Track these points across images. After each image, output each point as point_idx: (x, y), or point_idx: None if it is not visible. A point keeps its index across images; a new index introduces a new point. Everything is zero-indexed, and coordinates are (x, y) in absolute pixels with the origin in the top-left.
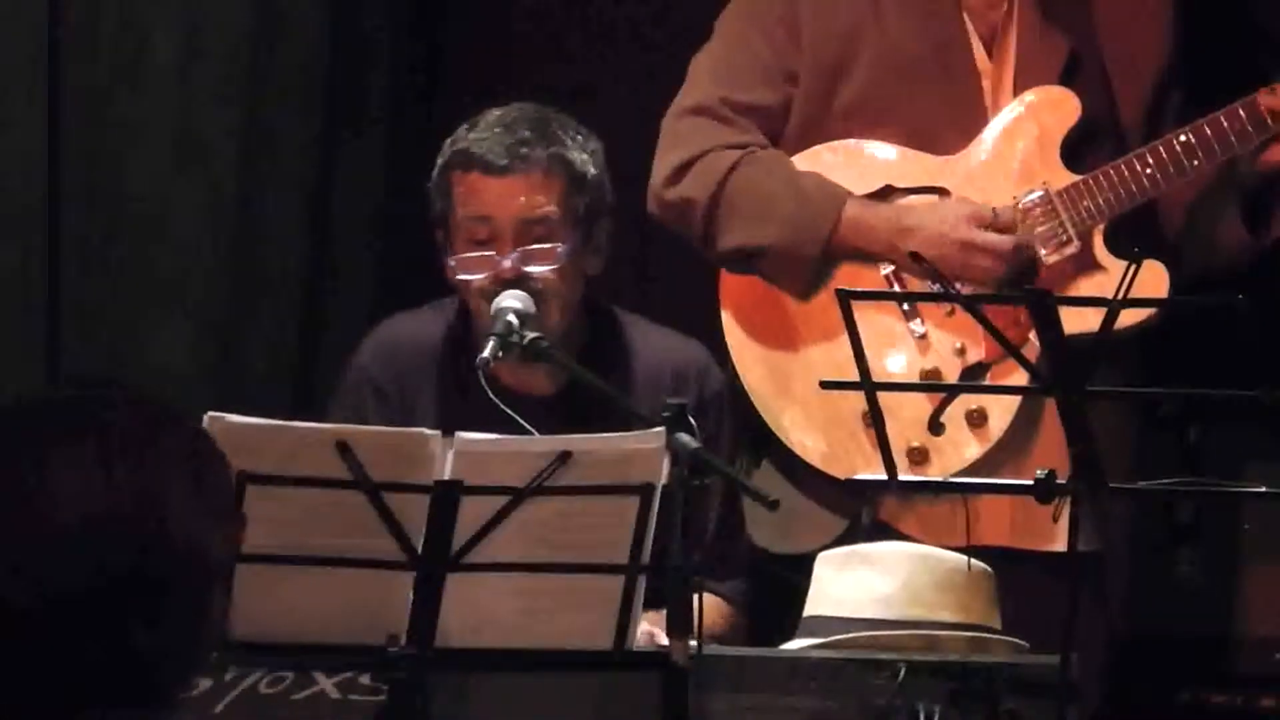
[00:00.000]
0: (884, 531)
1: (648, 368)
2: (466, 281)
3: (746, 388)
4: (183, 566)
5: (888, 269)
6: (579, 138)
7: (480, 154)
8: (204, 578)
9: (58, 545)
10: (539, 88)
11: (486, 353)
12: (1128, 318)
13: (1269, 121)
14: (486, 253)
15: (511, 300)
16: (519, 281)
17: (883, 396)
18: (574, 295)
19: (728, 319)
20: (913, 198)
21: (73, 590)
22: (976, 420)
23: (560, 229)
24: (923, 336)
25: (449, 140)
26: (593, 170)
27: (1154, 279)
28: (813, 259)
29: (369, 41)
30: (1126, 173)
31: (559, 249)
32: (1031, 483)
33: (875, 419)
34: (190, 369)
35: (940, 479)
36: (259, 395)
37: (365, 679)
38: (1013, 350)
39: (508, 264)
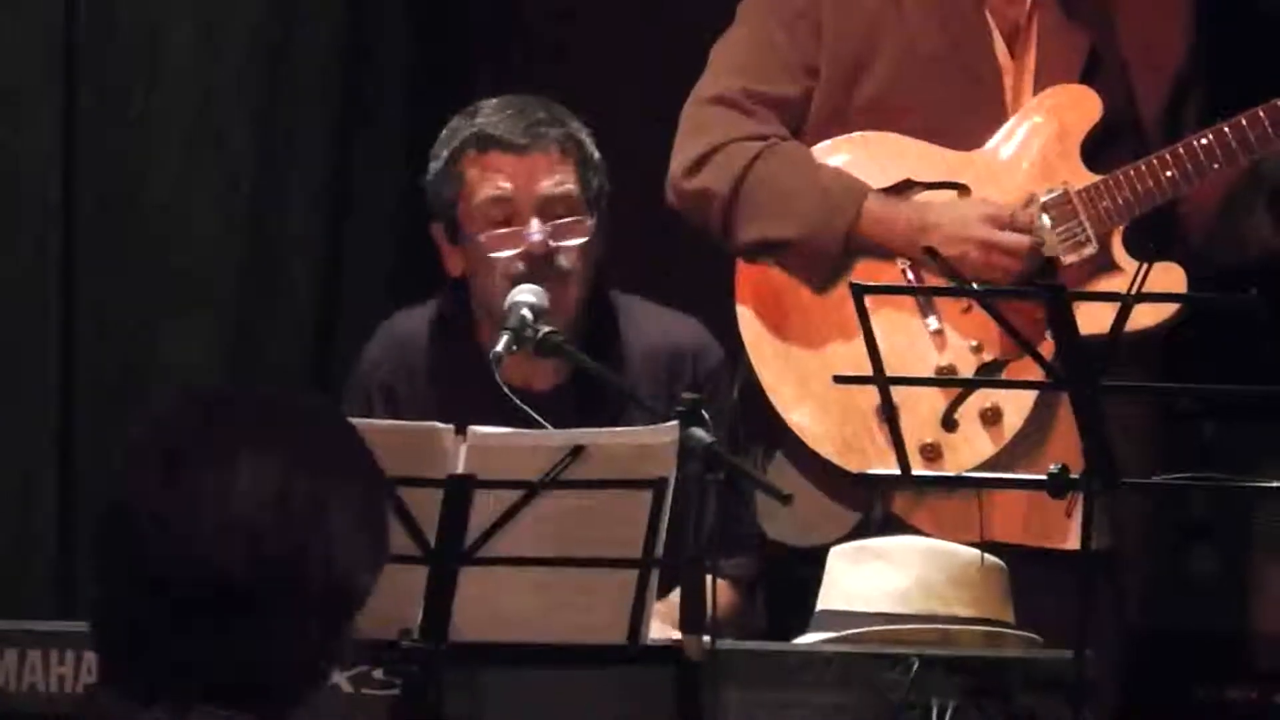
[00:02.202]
0: (896, 526)
1: (645, 348)
2: (492, 262)
3: (761, 381)
4: (329, 589)
5: (905, 264)
6: (578, 122)
7: (498, 134)
8: (343, 606)
9: (219, 536)
10: (552, 82)
11: (500, 347)
12: (1146, 318)
13: None
14: (515, 229)
15: (526, 294)
16: (549, 259)
17: (897, 392)
18: (590, 278)
19: (743, 313)
20: (932, 193)
21: (219, 581)
22: (991, 418)
23: (580, 206)
24: (939, 332)
25: (448, 131)
26: (597, 154)
27: (1171, 281)
28: (831, 254)
29: (385, 38)
30: (1146, 174)
31: (587, 223)
32: (1044, 477)
33: (888, 413)
34: (205, 366)
35: (952, 474)
36: None
37: (378, 673)
38: (1026, 344)
39: (538, 237)
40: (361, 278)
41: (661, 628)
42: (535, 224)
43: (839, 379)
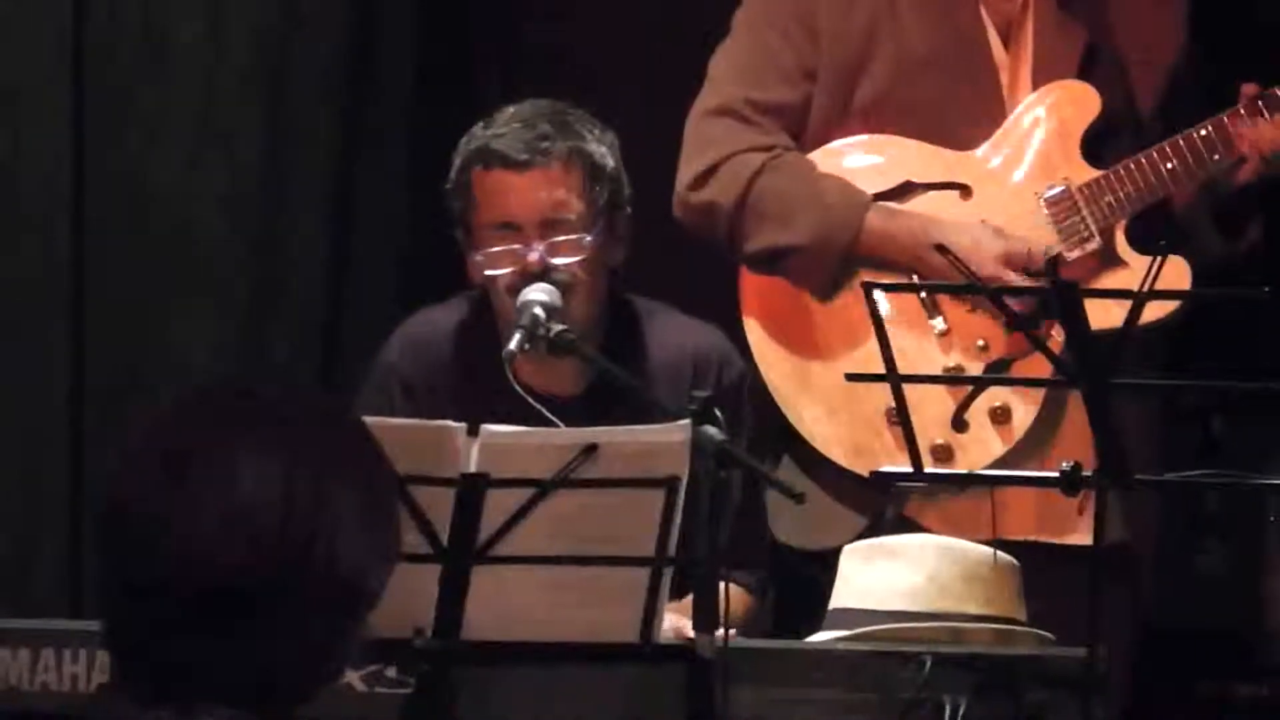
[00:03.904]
0: (908, 527)
1: (667, 357)
2: (494, 277)
3: (769, 385)
4: (334, 589)
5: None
6: (595, 130)
7: (500, 150)
8: (350, 605)
9: (221, 535)
10: (558, 82)
11: (513, 345)
12: (1152, 312)
13: None
14: (512, 246)
15: (538, 293)
16: (545, 274)
17: (906, 393)
18: (598, 287)
19: (749, 317)
20: (934, 194)
21: (222, 581)
22: (1000, 417)
23: (583, 221)
24: (945, 333)
25: (465, 139)
26: (611, 162)
27: (1176, 275)
28: (835, 263)
29: (391, 34)
30: (1148, 167)
31: (584, 239)
32: (1058, 474)
33: (900, 410)
34: (213, 362)
35: (964, 471)
36: None
37: (391, 672)
38: (1038, 342)
39: (534, 256)
40: (367, 277)
41: (671, 618)
42: (533, 242)
43: (850, 377)
